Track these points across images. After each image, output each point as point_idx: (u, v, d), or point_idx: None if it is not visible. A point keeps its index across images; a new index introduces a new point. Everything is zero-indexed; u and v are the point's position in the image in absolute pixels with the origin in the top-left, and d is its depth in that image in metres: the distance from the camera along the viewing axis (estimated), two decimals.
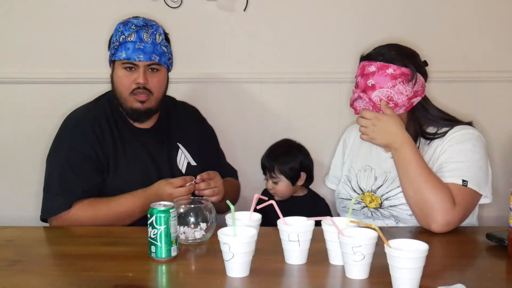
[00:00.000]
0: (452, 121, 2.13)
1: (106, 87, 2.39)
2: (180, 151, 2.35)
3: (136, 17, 2.24)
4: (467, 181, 1.97)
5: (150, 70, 2.21)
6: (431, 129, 2.12)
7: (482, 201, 2.04)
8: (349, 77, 2.80)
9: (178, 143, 2.35)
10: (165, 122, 2.35)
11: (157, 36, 2.21)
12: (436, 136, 2.09)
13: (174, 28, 2.61)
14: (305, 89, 2.92)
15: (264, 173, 2.72)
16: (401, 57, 2.06)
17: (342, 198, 2.24)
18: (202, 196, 2.15)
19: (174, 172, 2.31)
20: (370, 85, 2.04)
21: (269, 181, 2.70)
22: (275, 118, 2.93)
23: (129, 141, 2.28)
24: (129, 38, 2.16)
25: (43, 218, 2.19)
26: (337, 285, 1.64)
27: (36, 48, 2.85)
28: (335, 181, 2.38)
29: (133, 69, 2.20)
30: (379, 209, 2.12)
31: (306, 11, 2.87)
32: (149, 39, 2.18)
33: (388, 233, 1.93)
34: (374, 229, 1.60)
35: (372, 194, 2.13)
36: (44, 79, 2.85)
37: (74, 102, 2.43)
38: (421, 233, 1.93)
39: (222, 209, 2.16)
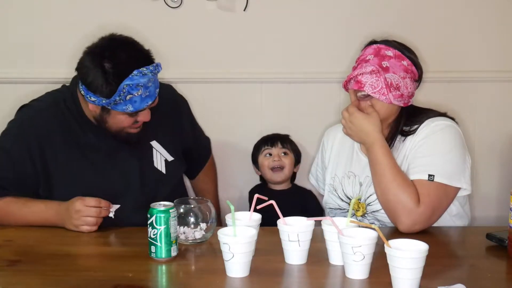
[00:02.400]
0: (429, 117, 2.09)
1: None
2: (154, 151, 2.23)
3: (140, 72, 1.96)
4: (433, 175, 1.94)
5: None
6: (406, 126, 2.10)
7: (462, 193, 2.02)
8: None
9: (150, 143, 2.22)
10: None
11: (156, 75, 2.05)
12: (409, 133, 2.07)
13: (174, 28, 2.62)
14: (305, 89, 2.92)
15: (272, 144, 2.67)
16: (414, 57, 2.08)
17: (330, 208, 2.23)
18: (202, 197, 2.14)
19: (151, 174, 2.19)
20: (384, 66, 2.02)
21: (275, 152, 2.64)
22: (275, 118, 2.93)
23: (93, 146, 2.15)
24: (136, 94, 1.98)
25: None
26: (337, 285, 1.64)
27: (36, 49, 2.85)
28: (313, 179, 2.42)
29: (137, 113, 2.06)
30: (366, 215, 2.11)
31: (306, 11, 2.87)
32: (151, 83, 2.01)
33: (388, 233, 1.93)
34: (374, 229, 1.60)
35: (359, 202, 2.13)
36: (44, 79, 2.84)
37: None
38: (421, 233, 1.93)
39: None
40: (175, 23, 2.78)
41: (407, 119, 2.09)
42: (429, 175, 1.95)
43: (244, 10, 2.83)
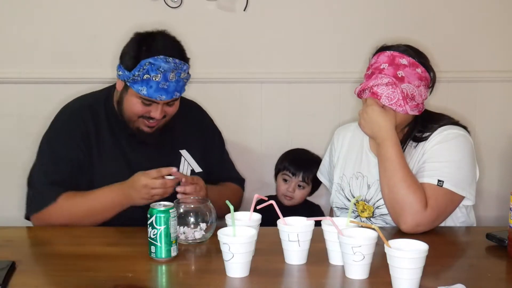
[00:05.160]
0: (441, 125, 2.08)
1: (96, 87, 2.38)
2: (182, 159, 2.28)
3: (165, 58, 2.05)
4: (443, 181, 1.95)
5: (167, 103, 2.13)
6: (419, 133, 2.09)
7: (465, 202, 2.02)
8: (350, 77, 2.80)
9: (180, 151, 2.28)
10: (168, 128, 2.24)
11: (182, 73, 2.11)
12: (422, 139, 2.07)
13: (174, 28, 2.61)
14: (305, 89, 2.92)
15: (292, 174, 2.62)
16: (427, 62, 2.06)
17: (336, 207, 2.23)
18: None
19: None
20: (400, 76, 2.00)
21: (292, 183, 2.62)
22: (275, 118, 2.93)
23: (124, 147, 2.21)
24: (154, 78, 2.04)
25: (27, 216, 2.16)
26: (337, 285, 1.64)
27: (35, 48, 2.84)
28: (322, 176, 2.40)
29: (151, 104, 2.11)
30: (371, 218, 2.11)
31: (306, 11, 2.87)
32: (174, 78, 2.07)
33: (388, 233, 1.93)
34: (374, 229, 1.60)
35: (365, 204, 2.12)
36: (43, 79, 2.85)
37: (63, 102, 2.40)
38: (421, 233, 1.92)
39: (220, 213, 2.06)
40: (175, 23, 2.78)
41: (421, 124, 2.08)
42: (439, 181, 1.95)
43: (244, 10, 2.83)
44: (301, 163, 2.66)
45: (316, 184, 2.66)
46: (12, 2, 2.81)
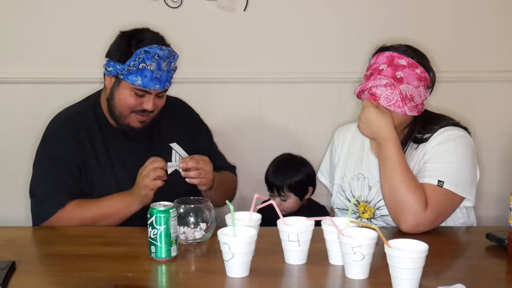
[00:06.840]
0: (442, 126, 2.08)
1: (96, 87, 2.38)
2: (173, 152, 2.31)
3: (159, 46, 2.12)
4: (443, 182, 1.95)
5: (157, 95, 2.18)
6: (419, 134, 2.09)
7: (465, 203, 2.02)
8: (350, 77, 2.80)
9: (170, 144, 2.31)
10: (156, 124, 2.29)
11: (172, 64, 2.17)
12: (423, 140, 2.07)
13: (174, 28, 2.62)
14: (305, 89, 2.92)
15: (271, 190, 2.65)
16: (427, 62, 2.06)
17: (337, 208, 2.23)
18: (201, 197, 2.14)
19: (167, 175, 2.22)
20: (398, 77, 1.99)
21: (276, 198, 2.63)
22: (275, 118, 2.93)
23: (116, 149, 2.25)
24: (149, 67, 2.09)
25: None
26: (337, 285, 1.64)
27: (35, 48, 2.84)
28: (323, 177, 2.39)
29: (143, 95, 2.15)
30: (372, 219, 2.11)
31: (306, 11, 2.87)
32: (166, 67, 2.13)
33: (388, 233, 1.93)
34: (374, 229, 1.60)
35: (366, 205, 2.12)
36: (43, 79, 2.85)
37: (63, 102, 2.40)
38: (421, 233, 1.92)
39: (217, 202, 2.11)
40: (175, 23, 2.78)
41: (421, 125, 2.08)
42: (439, 181, 1.95)
43: (244, 10, 2.83)
44: (271, 179, 2.65)
45: (305, 186, 2.63)
46: (12, 2, 2.81)
